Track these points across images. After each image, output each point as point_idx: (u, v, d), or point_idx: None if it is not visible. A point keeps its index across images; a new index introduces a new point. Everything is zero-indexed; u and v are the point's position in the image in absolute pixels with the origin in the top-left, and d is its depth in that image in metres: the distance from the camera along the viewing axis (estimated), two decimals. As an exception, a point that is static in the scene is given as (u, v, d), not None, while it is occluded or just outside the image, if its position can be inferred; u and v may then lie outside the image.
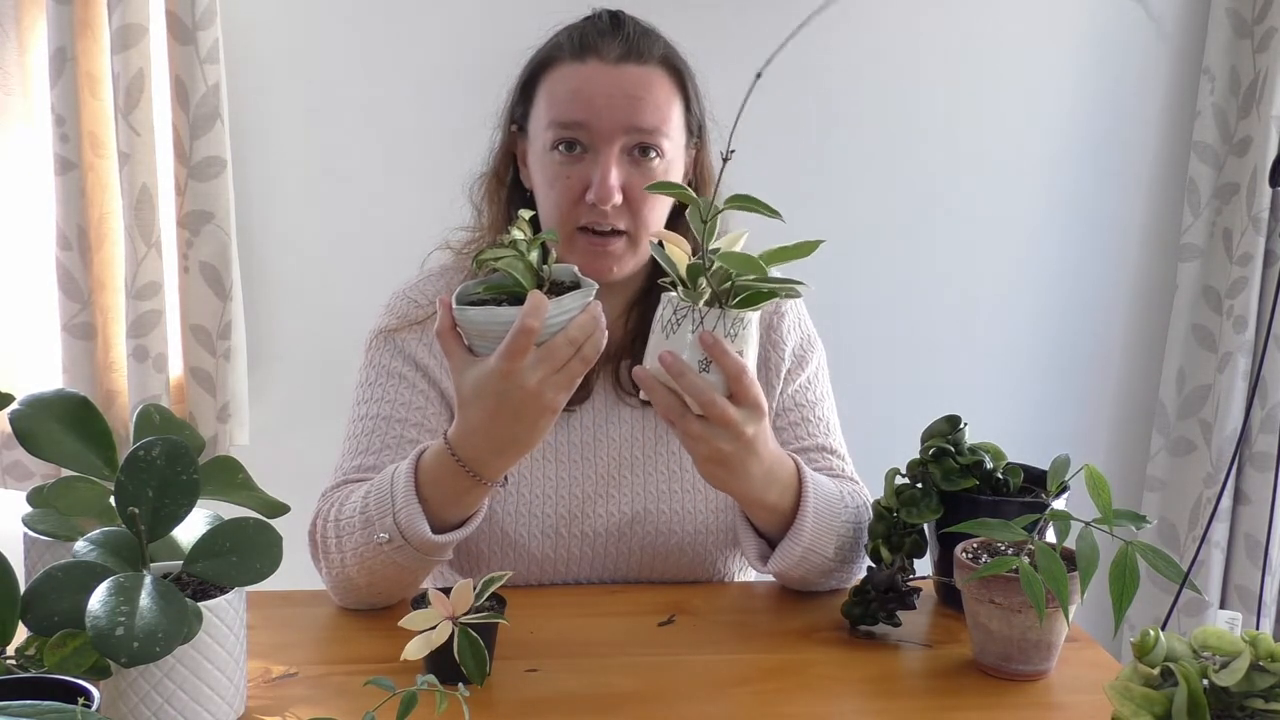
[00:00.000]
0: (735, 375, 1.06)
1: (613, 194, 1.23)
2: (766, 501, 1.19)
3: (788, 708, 1.05)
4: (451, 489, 1.14)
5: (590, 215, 1.26)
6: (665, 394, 1.08)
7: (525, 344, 1.04)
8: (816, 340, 1.44)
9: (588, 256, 1.27)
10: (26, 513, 1.04)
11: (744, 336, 1.06)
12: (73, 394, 1.06)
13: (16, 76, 2.02)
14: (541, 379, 1.06)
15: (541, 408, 1.08)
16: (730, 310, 1.05)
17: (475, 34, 2.12)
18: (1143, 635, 0.86)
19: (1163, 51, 2.32)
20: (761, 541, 1.26)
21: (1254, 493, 2.36)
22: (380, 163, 2.16)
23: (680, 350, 1.05)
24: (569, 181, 1.26)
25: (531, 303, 1.04)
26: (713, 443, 1.09)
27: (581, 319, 1.06)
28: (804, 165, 2.26)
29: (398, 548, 1.15)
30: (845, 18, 2.20)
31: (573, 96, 1.26)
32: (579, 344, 1.06)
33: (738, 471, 1.13)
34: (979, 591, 1.08)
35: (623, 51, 1.26)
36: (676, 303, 1.06)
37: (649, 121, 1.25)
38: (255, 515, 1.00)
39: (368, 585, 1.20)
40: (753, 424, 1.09)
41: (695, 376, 1.05)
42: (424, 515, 1.14)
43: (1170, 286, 2.40)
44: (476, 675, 1.02)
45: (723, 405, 1.07)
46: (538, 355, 1.05)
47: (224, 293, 2.07)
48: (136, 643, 0.83)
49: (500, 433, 1.10)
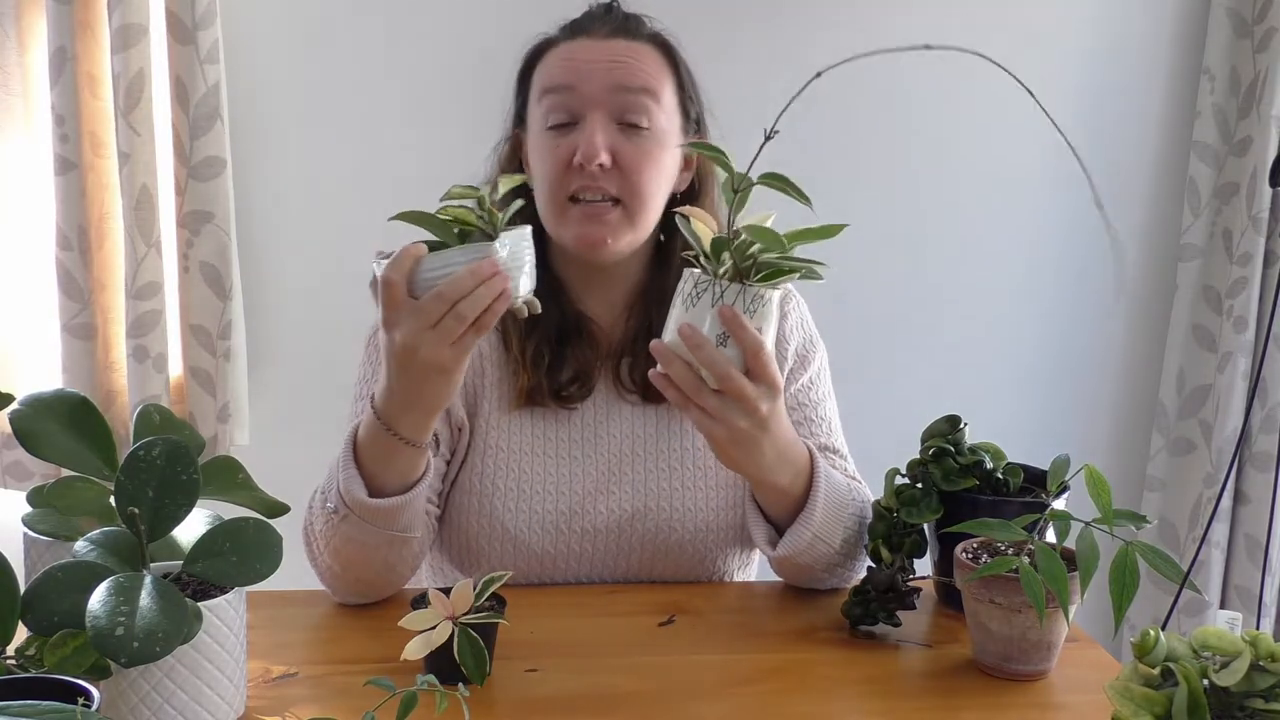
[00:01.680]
0: (753, 351, 1.06)
1: (598, 152, 1.23)
2: (779, 484, 1.19)
3: (788, 708, 1.05)
4: (380, 450, 1.15)
5: (579, 180, 1.25)
6: (683, 368, 1.07)
7: (389, 296, 1.04)
8: (819, 340, 1.44)
9: (580, 224, 1.27)
10: (26, 513, 1.04)
11: (763, 314, 1.06)
12: (73, 394, 1.05)
13: (16, 76, 2.02)
14: (411, 333, 1.05)
15: (423, 364, 1.07)
16: (751, 287, 1.05)
17: (475, 34, 2.12)
18: (1143, 635, 0.86)
19: (1163, 51, 2.32)
20: (770, 527, 1.26)
21: (1254, 493, 2.36)
22: (380, 163, 2.16)
23: (700, 324, 1.05)
24: (558, 151, 1.26)
25: (395, 256, 1.04)
26: (728, 418, 1.09)
27: (457, 273, 1.04)
28: (804, 165, 2.25)
29: (344, 518, 1.16)
30: (846, 18, 2.20)
31: (561, 65, 1.28)
32: (449, 300, 1.04)
33: (752, 450, 1.13)
34: (979, 591, 1.08)
35: (613, 29, 1.30)
36: (698, 277, 1.06)
37: (634, 82, 1.26)
38: (255, 515, 1.00)
39: (342, 570, 1.20)
40: (768, 401, 1.09)
41: (713, 350, 1.05)
42: (360, 479, 1.15)
43: (1170, 286, 2.40)
44: (476, 675, 1.01)
45: (739, 380, 1.07)
46: (410, 308, 1.05)
47: (224, 293, 2.07)
48: (136, 643, 0.83)
49: (399, 389, 1.10)
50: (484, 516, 1.30)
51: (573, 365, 1.34)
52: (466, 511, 1.31)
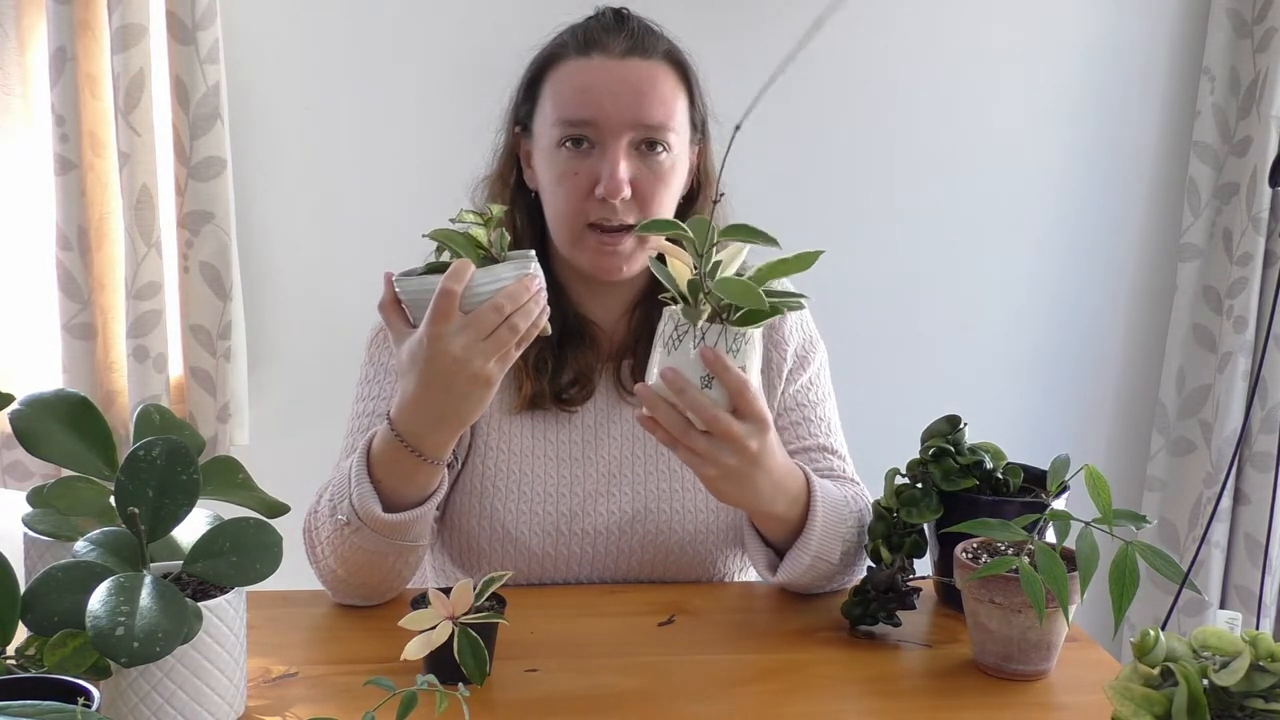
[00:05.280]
0: (737, 391, 1.05)
1: (622, 187, 1.24)
2: (775, 513, 1.19)
3: (788, 708, 1.05)
4: (399, 468, 1.14)
5: (599, 211, 1.26)
6: (668, 410, 1.07)
7: (446, 308, 1.04)
8: (819, 341, 1.44)
9: (597, 255, 1.27)
10: (26, 513, 1.04)
11: (745, 352, 1.05)
12: (73, 394, 1.05)
13: (16, 76, 2.02)
14: (466, 345, 1.05)
15: (470, 377, 1.07)
16: (731, 327, 1.04)
17: (475, 33, 2.12)
18: (1143, 635, 0.86)
19: (1163, 51, 2.32)
20: (770, 551, 1.26)
21: (1254, 493, 2.36)
22: (380, 162, 2.16)
23: (682, 367, 1.05)
24: (577, 178, 1.26)
25: (454, 268, 1.04)
26: (718, 458, 1.08)
27: (511, 287, 1.06)
28: (805, 165, 2.26)
29: (356, 529, 1.16)
30: (846, 18, 2.20)
31: (579, 93, 1.26)
32: (506, 312, 1.05)
33: (746, 486, 1.13)
34: (979, 591, 1.08)
35: (628, 46, 1.27)
36: (678, 318, 1.05)
37: (655, 117, 1.25)
38: (255, 515, 1.00)
39: (347, 575, 1.20)
40: (756, 438, 1.08)
41: (697, 393, 1.05)
42: (376, 495, 1.15)
43: (1170, 286, 2.40)
44: (476, 675, 1.01)
45: (726, 421, 1.06)
46: (463, 321, 1.05)
47: (224, 293, 2.07)
48: (136, 643, 0.83)
49: (433, 403, 1.09)
50: (484, 518, 1.30)
51: (573, 368, 1.34)
52: (467, 513, 1.31)
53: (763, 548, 1.26)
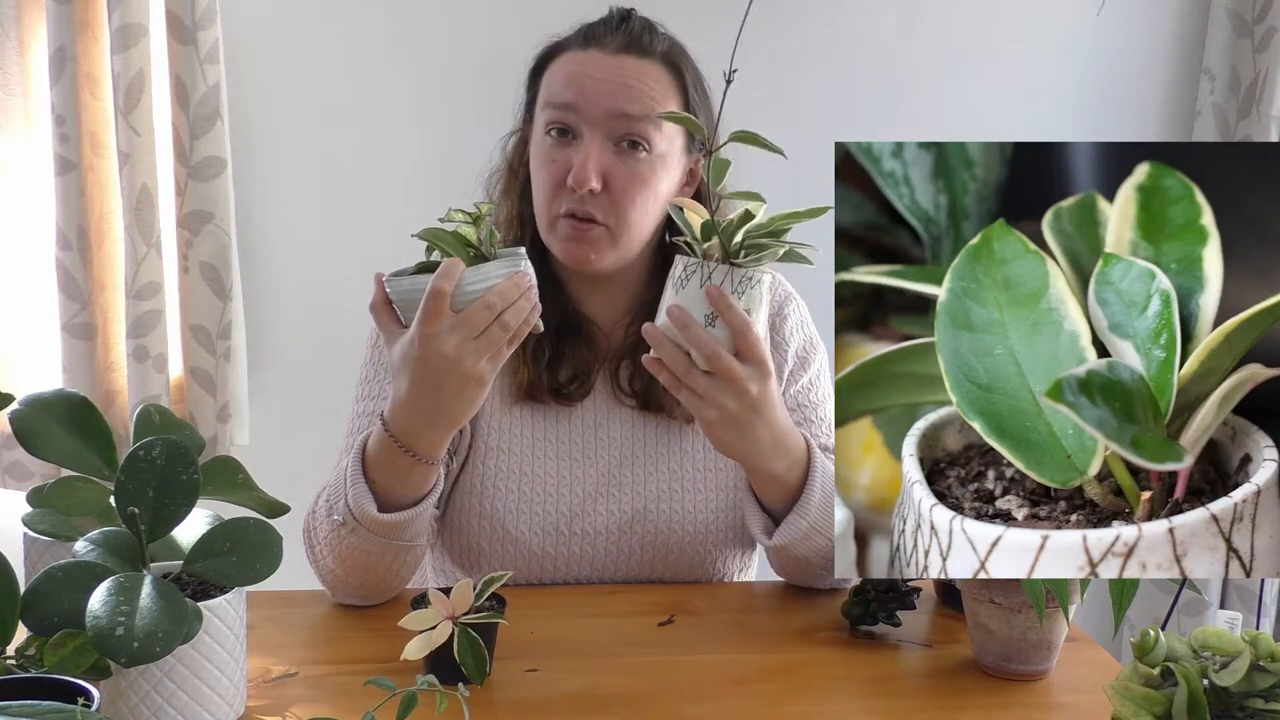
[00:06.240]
0: (740, 330, 1.06)
1: (589, 178, 1.23)
2: (774, 471, 1.19)
3: (788, 708, 1.05)
4: (393, 468, 1.15)
5: (570, 202, 1.26)
6: (673, 349, 1.08)
7: (437, 307, 1.04)
8: (819, 342, 1.44)
9: (567, 241, 1.28)
10: (26, 513, 1.04)
11: (751, 295, 1.07)
12: (73, 394, 1.06)
13: (16, 76, 2.02)
14: (457, 345, 1.06)
15: (463, 376, 1.07)
16: (738, 268, 1.06)
17: (475, 33, 2.12)
18: (1143, 635, 0.86)
19: (1163, 51, 2.32)
20: (766, 517, 1.26)
21: (1254, 493, 2.36)
22: (380, 162, 2.16)
23: (688, 305, 1.07)
24: (554, 166, 1.27)
25: (444, 267, 1.05)
26: (718, 399, 1.09)
27: (502, 285, 1.07)
28: (805, 166, 2.25)
29: (352, 530, 1.16)
30: (847, 16, 2.20)
31: (567, 79, 1.27)
32: (497, 310, 1.06)
33: (745, 434, 1.13)
34: (979, 591, 1.08)
35: (624, 43, 1.28)
36: (687, 260, 1.08)
37: (635, 108, 1.25)
38: (255, 515, 1.00)
39: (345, 575, 1.20)
40: (757, 382, 1.09)
41: (700, 329, 1.06)
42: (371, 495, 1.15)
43: (1170, 286, 2.40)
44: (476, 675, 1.01)
45: (727, 359, 1.07)
46: (454, 321, 1.06)
47: (224, 293, 2.07)
48: (136, 643, 0.83)
49: (425, 403, 1.10)
50: (484, 518, 1.31)
51: (571, 365, 1.34)
52: (467, 512, 1.31)
53: (760, 513, 1.26)
